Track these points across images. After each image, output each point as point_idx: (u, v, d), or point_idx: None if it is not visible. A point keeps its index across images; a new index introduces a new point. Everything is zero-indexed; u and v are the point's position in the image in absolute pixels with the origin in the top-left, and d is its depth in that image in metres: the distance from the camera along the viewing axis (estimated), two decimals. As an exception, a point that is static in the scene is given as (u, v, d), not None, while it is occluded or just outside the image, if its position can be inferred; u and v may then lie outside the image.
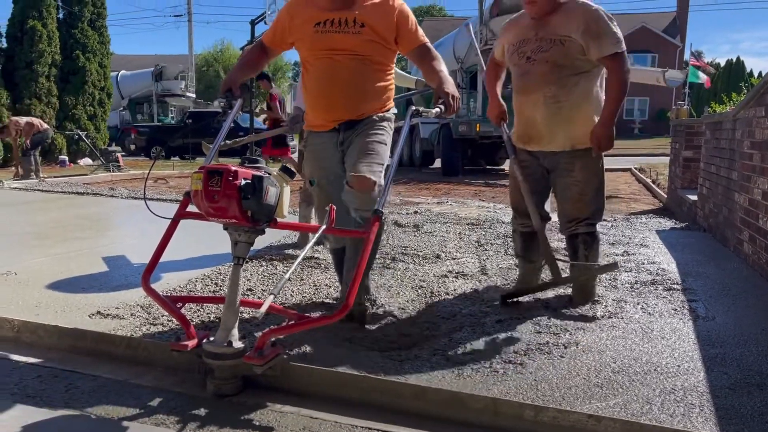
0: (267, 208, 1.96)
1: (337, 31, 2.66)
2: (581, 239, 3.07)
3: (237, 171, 1.91)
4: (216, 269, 3.65)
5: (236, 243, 2.05)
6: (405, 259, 3.99)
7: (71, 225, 5.39)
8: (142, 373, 2.22)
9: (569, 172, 3.01)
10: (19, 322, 2.51)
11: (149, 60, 46.54)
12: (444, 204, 7.28)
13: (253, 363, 1.92)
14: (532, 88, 2.97)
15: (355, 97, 2.71)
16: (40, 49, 14.96)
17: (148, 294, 2.16)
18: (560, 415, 1.84)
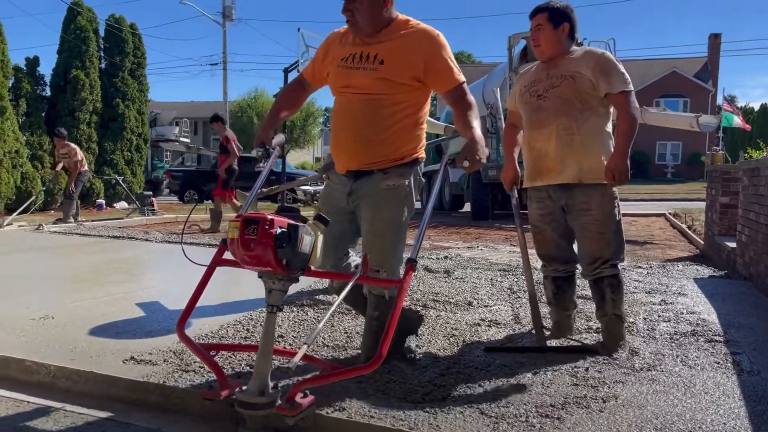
0: (302, 256, 1.97)
1: (356, 67, 2.52)
2: (607, 283, 3.02)
3: (273, 220, 1.93)
4: (248, 315, 3.65)
5: (270, 291, 2.05)
6: (436, 306, 3.95)
7: (107, 269, 5.48)
8: (175, 421, 2.22)
9: (587, 211, 3.00)
10: (55, 368, 2.54)
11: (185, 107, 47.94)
12: (474, 249, 7.23)
13: (285, 414, 1.90)
14: (545, 121, 3.02)
15: (363, 143, 2.53)
16: (82, 97, 15.54)
17: (183, 342, 2.17)
18: None
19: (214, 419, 2.19)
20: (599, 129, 3.00)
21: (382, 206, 2.56)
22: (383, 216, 2.56)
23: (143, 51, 17.81)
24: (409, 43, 2.49)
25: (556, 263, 3.17)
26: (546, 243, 3.18)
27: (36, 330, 3.28)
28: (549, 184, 3.08)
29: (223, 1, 27.47)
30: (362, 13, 2.49)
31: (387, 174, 2.56)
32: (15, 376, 2.58)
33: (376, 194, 2.56)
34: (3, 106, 13.58)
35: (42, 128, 15.16)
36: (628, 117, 2.90)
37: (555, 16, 3.01)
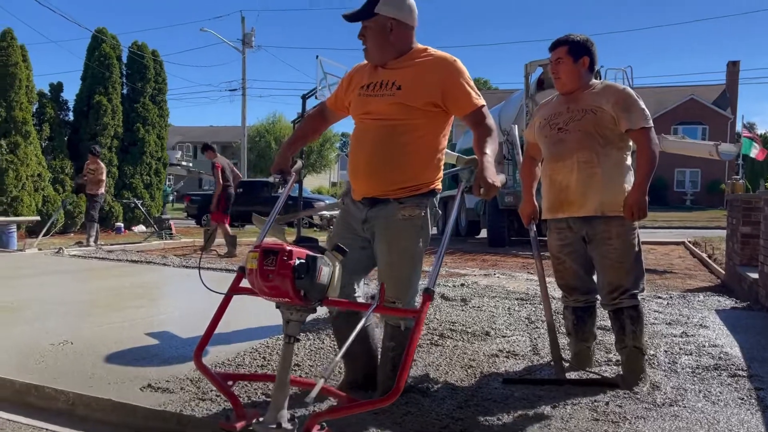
0: (320, 287, 1.97)
1: (375, 94, 2.56)
2: (627, 314, 2.99)
3: (292, 251, 1.93)
4: (264, 342, 3.65)
5: (288, 321, 2.05)
6: (453, 336, 3.92)
7: (125, 294, 5.52)
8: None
9: (607, 240, 2.98)
10: (74, 395, 2.56)
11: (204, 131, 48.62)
12: (491, 276, 7.19)
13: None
14: (566, 154, 3.03)
15: (379, 168, 2.53)
16: (104, 122, 15.82)
17: (201, 371, 2.17)
18: None
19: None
20: (620, 162, 3.01)
21: (398, 237, 2.55)
22: (399, 247, 2.55)
23: (164, 77, 18.14)
24: (426, 69, 2.53)
25: (576, 293, 3.15)
26: (566, 273, 3.16)
27: (55, 355, 3.30)
28: (570, 216, 3.07)
29: (243, 28, 28.00)
30: (370, 40, 2.57)
31: (403, 204, 2.55)
32: (34, 402, 2.60)
33: (391, 224, 2.55)
34: (27, 131, 13.86)
35: (64, 152, 15.44)
36: (648, 153, 2.90)
37: (575, 49, 3.04)
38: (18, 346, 3.41)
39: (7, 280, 6.12)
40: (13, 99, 13.60)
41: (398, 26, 2.55)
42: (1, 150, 13.32)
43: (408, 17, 2.58)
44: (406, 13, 2.57)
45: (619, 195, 2.95)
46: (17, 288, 5.69)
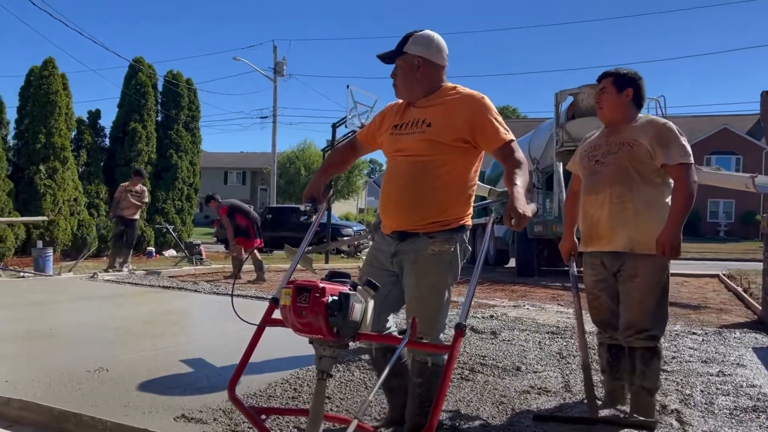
0: (353, 324, 1.98)
1: (406, 132, 2.61)
2: (639, 354, 2.94)
3: (325, 288, 1.95)
4: (294, 373, 3.67)
5: (321, 357, 2.06)
6: (484, 371, 3.89)
7: (158, 320, 5.60)
8: None
9: (632, 278, 2.95)
10: (111, 424, 2.61)
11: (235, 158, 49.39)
12: (521, 308, 7.13)
13: None
14: (599, 188, 3.02)
15: (409, 203, 2.55)
16: (138, 148, 16.20)
17: (235, 405, 2.20)
18: None
19: None
20: (655, 199, 2.97)
21: (427, 272, 2.55)
22: (427, 282, 2.55)
23: (198, 105, 18.55)
24: (455, 106, 2.57)
25: (611, 330, 3.12)
26: (601, 309, 3.14)
27: (91, 383, 3.36)
28: (601, 251, 3.06)
29: (274, 57, 28.53)
30: (399, 78, 2.66)
31: (433, 239, 2.56)
32: (73, 430, 2.65)
33: (420, 259, 2.56)
34: (65, 157, 14.26)
35: (100, 177, 15.83)
36: (685, 190, 2.86)
37: (620, 80, 3.07)
38: (56, 373, 3.49)
39: (45, 305, 6.26)
40: (53, 126, 14.04)
41: (425, 64, 2.62)
42: (40, 175, 13.72)
43: (436, 56, 2.64)
44: (434, 52, 2.64)
45: (649, 233, 2.91)
46: (54, 314, 5.81)
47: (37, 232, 13.22)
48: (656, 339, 2.96)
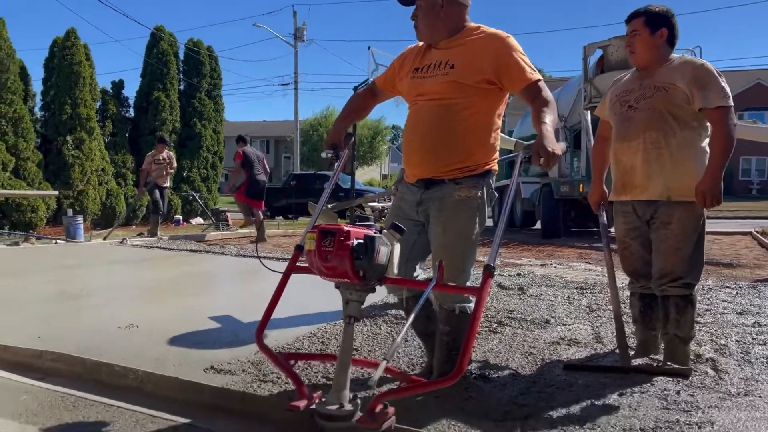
0: (378, 268, 1.95)
1: (428, 75, 2.53)
2: (673, 302, 2.86)
3: (349, 231, 1.92)
4: (322, 327, 3.67)
5: (348, 302, 2.04)
6: (512, 324, 3.85)
7: (186, 281, 5.66)
8: (257, 429, 2.22)
9: (667, 224, 2.85)
10: (143, 373, 2.63)
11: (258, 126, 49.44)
12: (548, 266, 7.05)
13: (367, 426, 1.87)
14: (633, 134, 2.90)
15: (433, 149, 2.49)
16: (162, 117, 16.28)
17: (262, 351, 2.19)
18: None
19: (296, 427, 2.17)
20: (692, 144, 2.85)
21: (453, 218, 2.50)
22: (454, 229, 2.50)
23: (219, 72, 18.52)
24: (479, 46, 2.48)
25: (642, 279, 3.04)
26: (632, 258, 3.05)
27: (122, 339, 3.40)
28: (634, 200, 2.97)
29: (295, 23, 28.27)
30: (421, 19, 2.56)
31: (459, 184, 2.50)
32: (105, 380, 2.68)
33: (447, 205, 2.50)
34: (91, 127, 14.39)
35: (126, 148, 15.98)
36: (724, 135, 2.73)
37: (652, 20, 2.90)
38: (87, 330, 3.54)
39: (76, 269, 6.36)
40: (77, 96, 14.14)
41: (449, 3, 2.52)
42: (67, 146, 13.88)
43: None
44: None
45: (686, 179, 2.81)
46: (85, 276, 5.90)
47: (67, 202, 13.43)
48: (691, 287, 2.88)
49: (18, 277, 5.64)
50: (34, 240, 9.82)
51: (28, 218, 12.46)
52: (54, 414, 2.29)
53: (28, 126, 13.20)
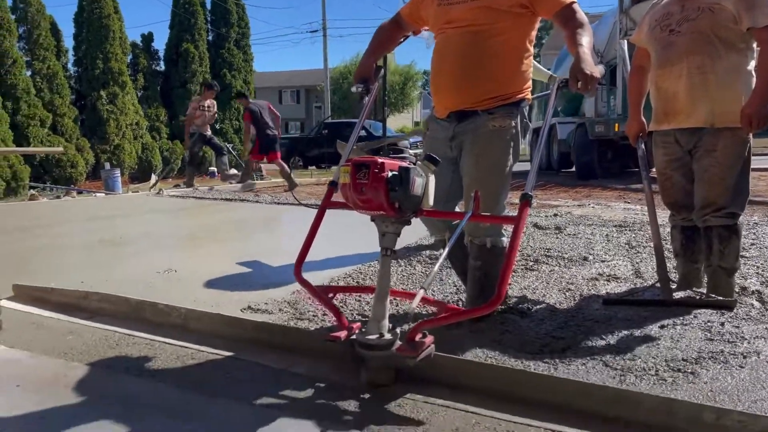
0: (414, 199, 1.93)
1: (457, 1, 2.43)
2: (716, 233, 2.76)
3: (384, 163, 1.89)
4: (356, 269, 3.68)
5: (384, 234, 2.02)
6: (549, 262, 3.79)
7: (221, 228, 5.72)
8: (298, 361, 2.25)
9: (711, 152, 2.73)
10: (186, 311, 2.68)
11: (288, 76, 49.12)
12: (585, 207, 6.92)
13: (406, 354, 1.88)
14: (676, 59, 2.75)
15: (465, 78, 2.41)
16: (192, 69, 16.29)
17: (302, 285, 2.21)
18: (748, 420, 1.62)
19: (336, 358, 2.19)
20: (738, 68, 2.70)
21: (487, 150, 2.43)
22: (488, 160, 2.43)
23: (247, 21, 18.35)
24: None
25: (684, 211, 2.94)
26: (673, 190, 2.95)
27: (161, 282, 3.46)
28: (677, 128, 2.84)
29: (321, -32, 27.66)
30: None
31: (492, 114, 2.43)
32: (149, 318, 2.74)
33: (481, 136, 2.43)
34: (123, 81, 14.49)
35: (158, 101, 16.09)
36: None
37: None
38: (127, 275, 3.61)
39: (114, 218, 6.49)
40: (108, 51, 14.20)
41: None
42: (101, 101, 14.02)
43: None
44: None
45: (732, 104, 2.67)
46: (123, 225, 6.02)
47: (104, 157, 13.66)
48: (735, 216, 2.77)
49: (60, 227, 5.78)
50: (74, 194, 10.06)
51: (68, 173, 12.75)
52: (98, 351, 2.35)
53: (63, 82, 13.35)
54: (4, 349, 2.35)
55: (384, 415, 1.84)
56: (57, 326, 2.67)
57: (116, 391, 1.98)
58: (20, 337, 2.51)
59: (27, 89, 12.38)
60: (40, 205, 8.20)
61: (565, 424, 1.74)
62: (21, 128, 12.14)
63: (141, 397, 1.93)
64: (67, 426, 1.71)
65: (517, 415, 1.80)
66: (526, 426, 1.75)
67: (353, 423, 1.78)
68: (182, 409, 1.87)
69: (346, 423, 1.79)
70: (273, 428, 1.74)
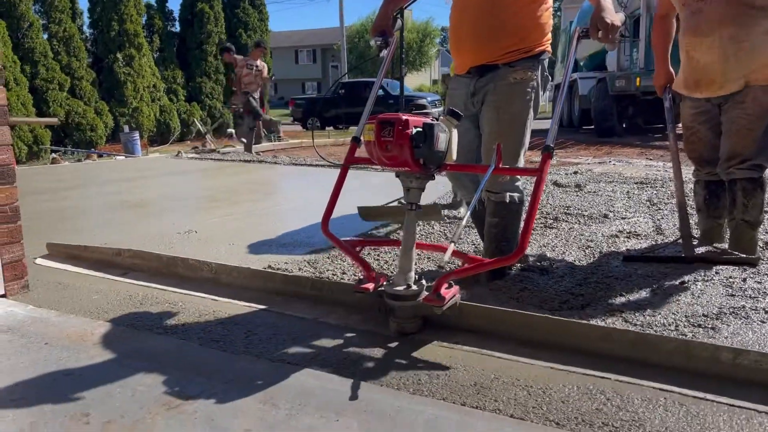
0: (438, 154, 1.94)
1: None
2: (740, 186, 2.71)
3: (408, 120, 1.90)
4: (377, 230, 3.69)
5: (408, 189, 2.05)
6: (568, 219, 3.77)
7: (240, 189, 5.75)
8: (329, 312, 2.31)
9: (740, 104, 2.67)
10: (217, 265, 2.74)
11: (304, 35, 48.57)
12: (606, 164, 6.84)
13: (433, 304, 1.93)
14: (707, 30, 2.65)
15: (486, 32, 2.40)
16: (208, 29, 16.12)
17: (329, 238, 2.24)
18: (763, 359, 1.65)
19: (365, 309, 2.25)
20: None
21: (508, 102, 2.42)
22: (509, 113, 2.43)
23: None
24: None
25: (709, 166, 2.89)
26: (699, 144, 2.89)
27: (182, 243, 3.50)
28: (710, 96, 2.77)
29: None
30: None
31: (514, 67, 2.42)
32: (181, 273, 2.82)
33: (501, 89, 2.43)
34: (139, 43, 14.40)
35: (174, 62, 15.99)
36: None
37: None
38: (149, 236, 3.65)
39: (135, 180, 6.55)
40: (123, 12, 14.09)
41: None
42: (118, 63, 13.99)
43: None
44: None
45: (765, 65, 2.59)
46: (143, 187, 6.08)
47: (123, 120, 13.70)
48: (761, 169, 2.71)
49: (81, 189, 5.86)
50: (95, 157, 10.14)
51: (88, 137, 12.82)
52: (123, 309, 2.40)
53: (79, 44, 13.31)
54: (32, 308, 2.41)
55: (413, 361, 1.89)
56: (84, 285, 2.72)
57: (140, 347, 2.03)
58: (48, 296, 2.57)
59: (44, 53, 12.37)
60: (62, 168, 8.30)
61: (589, 367, 1.78)
62: (40, 92, 12.18)
63: (165, 354, 1.97)
64: (92, 383, 1.76)
65: (542, 360, 1.84)
66: (552, 370, 1.79)
67: (383, 368, 1.84)
68: (205, 362, 1.90)
69: (377, 368, 1.84)
70: (303, 375, 1.78)
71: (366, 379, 1.76)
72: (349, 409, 1.59)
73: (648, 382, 1.67)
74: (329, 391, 1.68)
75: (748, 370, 1.66)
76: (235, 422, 1.53)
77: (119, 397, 1.67)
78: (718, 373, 1.69)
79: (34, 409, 1.61)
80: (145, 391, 1.70)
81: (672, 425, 1.48)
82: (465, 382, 1.73)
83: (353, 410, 1.58)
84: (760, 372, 1.64)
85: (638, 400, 1.59)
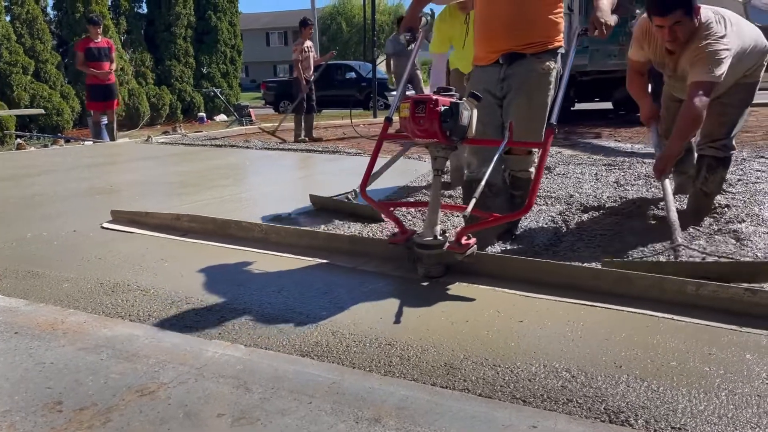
0: (462, 128, 2.30)
1: None
2: (706, 162, 3.06)
3: (438, 99, 2.26)
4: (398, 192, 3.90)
5: (435, 158, 2.45)
6: (537, 202, 3.84)
7: (213, 174, 5.70)
8: (365, 262, 2.71)
9: (717, 97, 2.91)
10: (266, 226, 3.13)
11: (274, 17, 47.93)
12: (576, 147, 6.94)
13: (455, 251, 2.34)
14: (684, 94, 2.89)
15: (514, 24, 2.70)
16: (176, 11, 15.81)
17: (368, 201, 2.72)
18: (719, 290, 2.07)
19: (396, 260, 2.64)
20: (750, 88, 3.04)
21: (538, 90, 2.76)
22: (539, 100, 2.76)
23: (231, -41, 17.69)
24: None
25: None
26: (671, 119, 3.16)
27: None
28: None
29: None
30: None
31: (540, 58, 2.74)
32: (234, 233, 3.15)
33: (532, 78, 2.74)
34: (106, 26, 14.07)
35: (142, 45, 15.67)
36: (688, 111, 2.74)
37: (689, 5, 2.75)
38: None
39: (105, 166, 6.47)
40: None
41: None
42: (84, 46, 13.66)
43: None
44: None
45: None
46: (114, 173, 6.00)
47: (90, 104, 13.41)
48: (727, 149, 3.03)
49: (49, 175, 5.75)
50: (62, 142, 9.95)
51: (54, 121, 12.54)
52: (93, 298, 2.39)
53: (43, 27, 12.97)
54: (1, 297, 2.39)
55: (440, 294, 2.33)
56: (51, 275, 2.68)
57: (111, 335, 2.03)
58: (16, 286, 2.54)
59: (7, 35, 12.02)
60: (28, 154, 8.13)
61: (582, 299, 2.21)
62: (3, 76, 11.86)
63: (137, 340, 1.98)
64: (63, 371, 1.76)
65: (544, 294, 2.27)
66: (552, 301, 2.22)
67: (416, 301, 2.27)
68: (178, 347, 1.92)
69: (410, 301, 2.26)
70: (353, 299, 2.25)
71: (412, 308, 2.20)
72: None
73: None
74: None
75: (707, 299, 2.07)
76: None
77: (91, 385, 1.68)
78: (686, 302, 2.10)
79: (5, 399, 1.61)
80: (118, 379, 1.71)
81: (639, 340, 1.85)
82: (487, 309, 2.18)
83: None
84: (717, 301, 2.06)
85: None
